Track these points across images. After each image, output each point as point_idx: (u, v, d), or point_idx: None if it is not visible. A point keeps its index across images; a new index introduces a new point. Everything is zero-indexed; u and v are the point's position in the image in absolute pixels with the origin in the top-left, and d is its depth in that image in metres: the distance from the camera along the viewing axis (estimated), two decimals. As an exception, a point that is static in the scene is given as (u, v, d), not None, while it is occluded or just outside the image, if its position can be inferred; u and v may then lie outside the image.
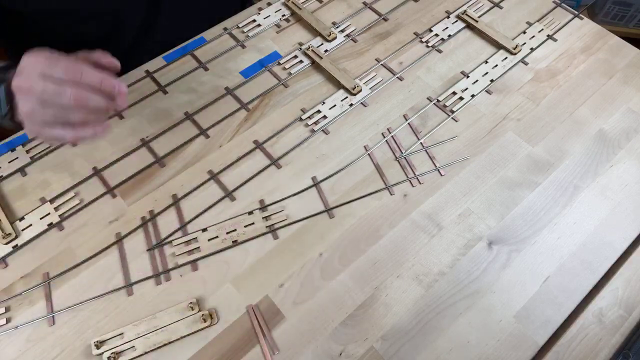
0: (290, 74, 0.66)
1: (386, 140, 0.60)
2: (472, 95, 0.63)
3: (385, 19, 0.72)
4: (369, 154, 0.59)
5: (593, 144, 0.59)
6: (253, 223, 0.53)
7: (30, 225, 0.53)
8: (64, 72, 0.41)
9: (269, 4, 0.73)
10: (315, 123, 0.61)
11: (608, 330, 0.47)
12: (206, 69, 0.66)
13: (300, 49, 0.68)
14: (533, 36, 0.70)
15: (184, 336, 0.46)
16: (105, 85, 0.42)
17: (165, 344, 0.46)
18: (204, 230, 0.53)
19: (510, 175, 0.57)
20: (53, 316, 0.47)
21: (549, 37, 0.69)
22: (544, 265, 0.51)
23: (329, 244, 0.52)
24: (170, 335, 0.46)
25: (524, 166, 0.57)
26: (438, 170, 0.57)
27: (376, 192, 0.56)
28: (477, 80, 0.65)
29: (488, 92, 0.64)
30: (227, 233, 0.52)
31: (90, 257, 0.51)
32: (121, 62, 0.49)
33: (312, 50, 0.67)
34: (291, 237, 0.53)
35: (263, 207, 0.54)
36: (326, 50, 0.68)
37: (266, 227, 0.53)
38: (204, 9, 0.74)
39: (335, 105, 0.62)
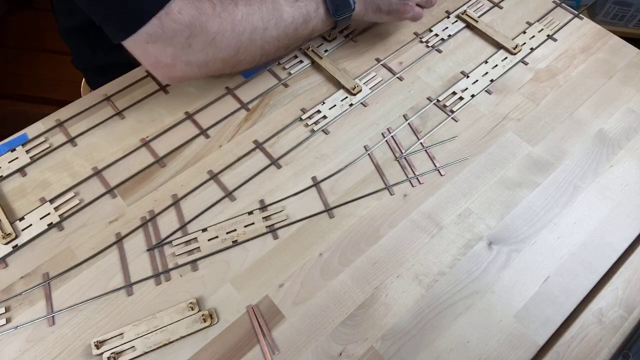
0: (290, 74, 0.66)
1: (386, 140, 0.60)
2: (472, 95, 0.63)
3: (385, 19, 0.72)
4: (369, 154, 0.59)
5: (593, 144, 0.59)
6: (253, 223, 0.53)
7: (30, 225, 0.53)
8: None
9: (269, 4, 0.73)
10: (315, 123, 0.61)
11: (608, 330, 0.47)
12: (206, 69, 0.66)
13: (300, 48, 0.68)
14: (533, 36, 0.70)
15: (184, 336, 0.46)
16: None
17: (165, 344, 0.46)
18: (204, 230, 0.53)
19: (510, 175, 0.57)
20: (53, 316, 0.47)
21: (549, 37, 0.69)
22: (544, 265, 0.51)
23: (329, 244, 0.52)
24: (170, 335, 0.46)
25: (524, 166, 0.57)
26: (438, 170, 0.57)
27: (376, 192, 0.56)
28: (477, 80, 0.65)
29: (488, 92, 0.64)
30: (227, 233, 0.52)
31: (90, 257, 0.51)
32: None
33: (312, 50, 0.67)
34: (291, 237, 0.53)
35: (263, 207, 0.54)
36: (326, 50, 0.68)
37: (266, 227, 0.53)
38: None
39: (335, 105, 0.62)
